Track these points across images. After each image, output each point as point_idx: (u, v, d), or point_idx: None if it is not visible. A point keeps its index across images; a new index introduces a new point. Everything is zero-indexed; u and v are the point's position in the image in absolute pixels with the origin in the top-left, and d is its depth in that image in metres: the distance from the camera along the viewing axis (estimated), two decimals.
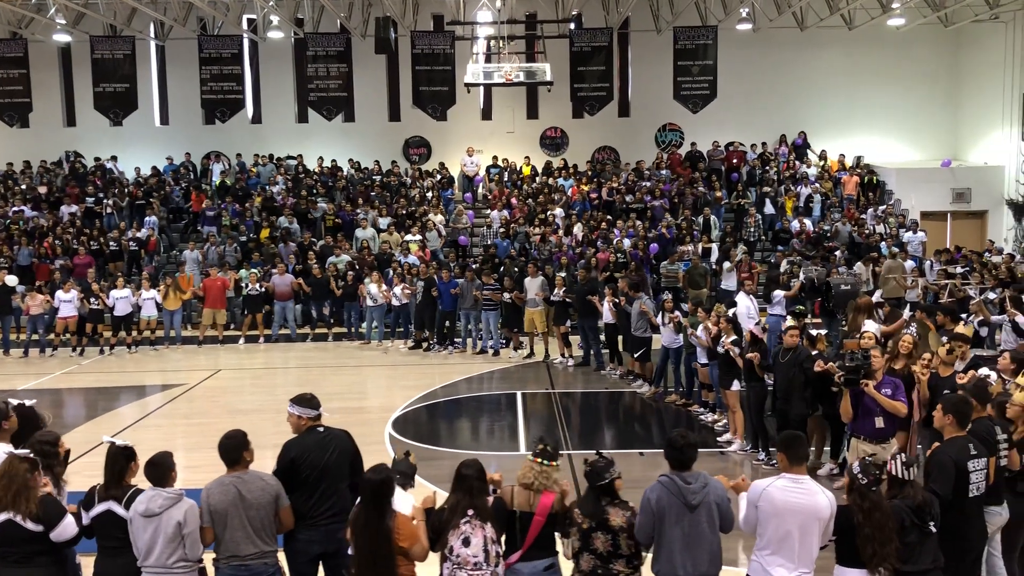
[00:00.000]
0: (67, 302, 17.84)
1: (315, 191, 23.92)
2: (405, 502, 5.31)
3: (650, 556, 5.25)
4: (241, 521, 5.27)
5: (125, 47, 23.30)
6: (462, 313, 17.55)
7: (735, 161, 25.07)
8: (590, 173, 25.22)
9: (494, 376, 15.66)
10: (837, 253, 19.95)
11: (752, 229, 22.23)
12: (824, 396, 9.43)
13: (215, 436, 5.67)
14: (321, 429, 5.89)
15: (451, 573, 5.01)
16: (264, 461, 5.54)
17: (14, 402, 6.37)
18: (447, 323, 17.79)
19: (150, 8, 22.52)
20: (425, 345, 17.93)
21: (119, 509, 5.28)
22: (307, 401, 5.92)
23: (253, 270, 19.53)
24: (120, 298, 18.04)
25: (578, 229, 21.58)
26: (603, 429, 12.82)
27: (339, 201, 23.74)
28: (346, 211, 23.00)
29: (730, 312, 11.55)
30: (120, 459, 5.40)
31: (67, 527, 5.19)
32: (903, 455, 5.38)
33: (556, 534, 5.39)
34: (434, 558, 5.24)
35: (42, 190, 24.47)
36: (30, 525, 5.09)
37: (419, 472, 7.28)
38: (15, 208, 23.22)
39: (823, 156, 25.63)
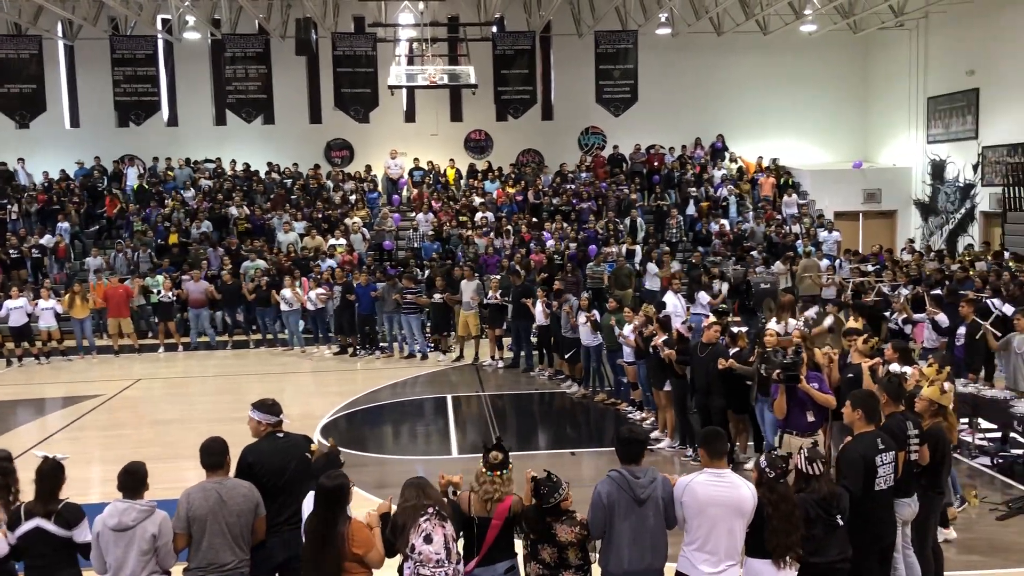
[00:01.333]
0: None
1: (232, 195, 23.40)
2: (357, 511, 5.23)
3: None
4: (220, 528, 5.13)
5: (31, 46, 22.41)
6: (385, 317, 17.39)
7: (656, 164, 25.47)
8: (515, 176, 25.29)
9: (423, 380, 15.55)
10: (754, 253, 20.45)
11: (674, 230, 22.62)
12: (732, 392, 9.69)
13: (136, 447, 5.52)
14: (281, 435, 5.79)
15: (413, 571, 4.92)
16: (184, 472, 5.38)
17: None
18: (368, 327, 17.60)
19: (57, 7, 21.67)
20: (351, 350, 17.70)
21: (49, 526, 5.05)
22: (268, 407, 5.80)
23: (160, 276, 18.97)
24: (14, 308, 17.23)
25: (508, 231, 21.62)
26: (535, 430, 12.85)
27: (259, 204, 23.28)
28: (258, 216, 22.52)
29: (661, 313, 11.69)
30: (55, 474, 5.18)
31: None
32: (805, 450, 5.50)
33: (515, 536, 5.38)
34: (391, 563, 5.16)
35: None
36: None
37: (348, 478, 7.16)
38: None
39: (734, 158, 26.24)
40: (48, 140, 25.10)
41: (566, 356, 14.08)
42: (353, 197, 23.94)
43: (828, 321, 12.75)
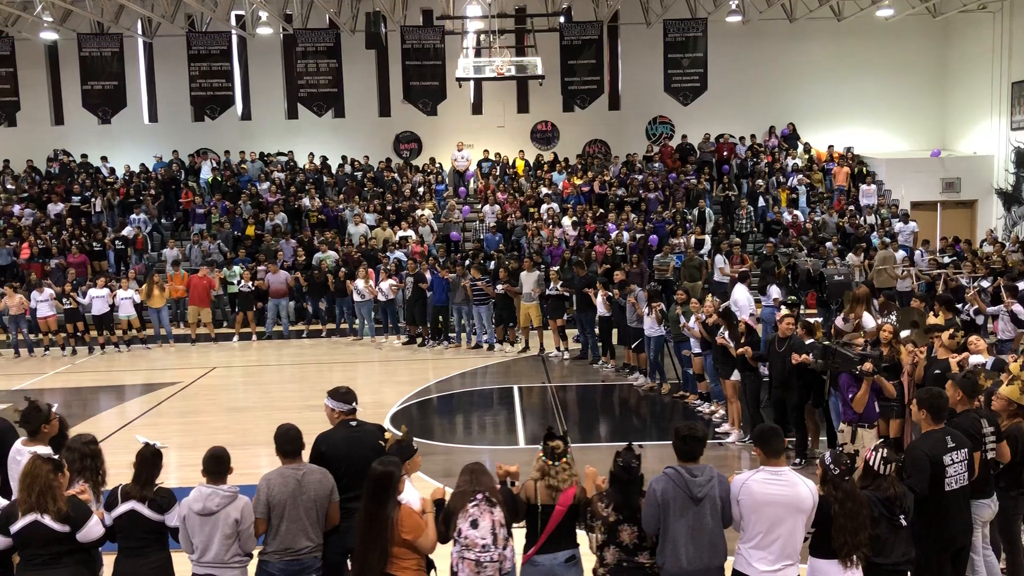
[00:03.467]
0: (43, 302, 17.70)
1: (305, 188, 23.86)
2: (413, 496, 5.31)
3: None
4: (297, 514, 5.26)
5: (113, 44, 23.13)
6: (454, 308, 17.53)
7: (725, 153, 25.11)
8: (580, 167, 25.23)
9: (490, 371, 15.65)
10: (828, 244, 20.01)
11: (744, 221, 22.28)
12: (807, 387, 9.52)
13: (211, 434, 5.70)
14: (354, 423, 5.90)
15: (459, 555, 4.99)
16: (258, 459, 5.52)
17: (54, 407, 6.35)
18: (440, 318, 17.77)
19: (137, 5, 22.36)
20: (419, 340, 17.90)
21: (144, 509, 5.25)
22: (342, 395, 5.93)
23: (237, 267, 19.46)
24: (97, 297, 17.88)
25: (566, 222, 21.59)
26: (600, 422, 12.84)
27: (329, 197, 23.68)
28: (330, 207, 22.92)
29: (723, 304, 11.55)
30: (154, 461, 5.38)
31: (93, 528, 5.14)
32: (884, 450, 5.36)
33: (577, 528, 5.38)
34: (445, 549, 5.23)
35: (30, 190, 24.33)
36: (56, 525, 5.04)
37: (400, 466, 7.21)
38: (14, 208, 23.10)
39: (808, 148, 25.68)
40: (128, 135, 25.92)
41: (632, 347, 14.01)
42: (421, 189, 24.17)
43: (905, 334, 12.43)
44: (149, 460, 5.38)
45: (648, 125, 26.95)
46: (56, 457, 5.28)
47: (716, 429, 11.19)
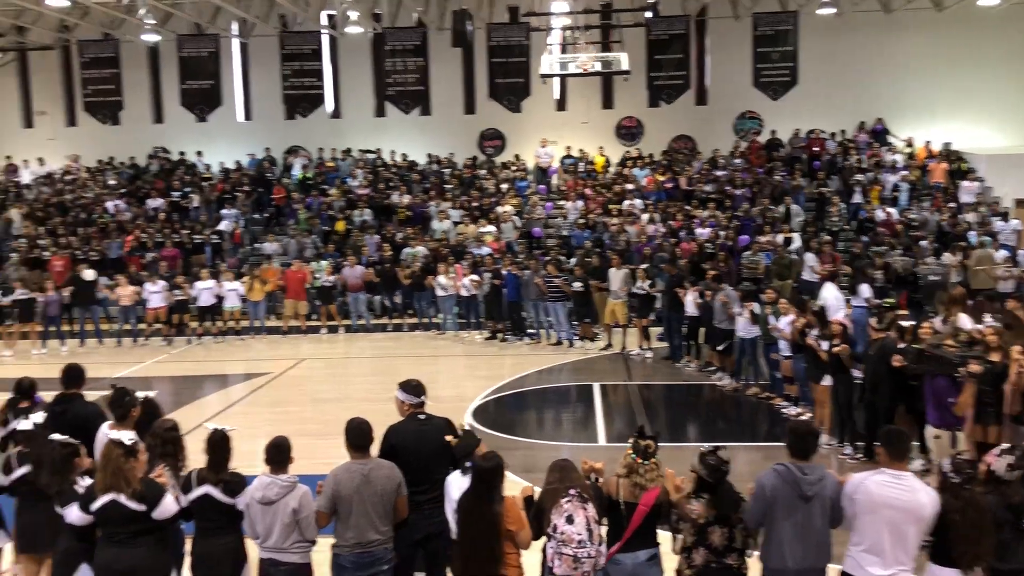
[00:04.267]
0: (155, 293, 18.47)
1: (392, 184, 24.26)
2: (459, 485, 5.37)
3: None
4: (364, 508, 5.37)
5: (210, 45, 23.91)
6: (529, 304, 17.57)
7: (816, 149, 24.47)
8: (666, 162, 24.95)
9: (569, 367, 15.64)
10: (924, 243, 19.30)
11: (835, 218, 21.66)
12: (901, 390, 9.21)
13: (299, 424, 5.85)
14: (422, 416, 5.98)
15: (555, 551, 5.00)
16: (341, 449, 5.65)
17: (141, 395, 6.67)
18: (518, 314, 17.84)
19: (233, 6, 23.08)
20: (500, 336, 18.01)
21: (217, 493, 5.46)
22: (412, 388, 6.03)
23: (325, 262, 19.93)
24: (204, 289, 18.57)
25: (646, 218, 21.38)
26: (683, 422, 12.72)
27: (416, 194, 24.02)
28: (418, 204, 23.26)
29: (816, 304, 11.28)
30: (224, 445, 5.58)
31: (167, 506, 5.38)
32: (1010, 456, 5.15)
33: (658, 527, 5.36)
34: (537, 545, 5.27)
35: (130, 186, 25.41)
36: (132, 504, 5.29)
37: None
38: (110, 203, 24.16)
39: (910, 143, 24.81)
40: (223, 133, 26.77)
41: (718, 348, 13.80)
42: (504, 186, 24.29)
43: None
44: (218, 444, 5.59)
45: (736, 120, 26.47)
46: (130, 442, 5.50)
47: None
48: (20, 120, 28.25)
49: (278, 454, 5.43)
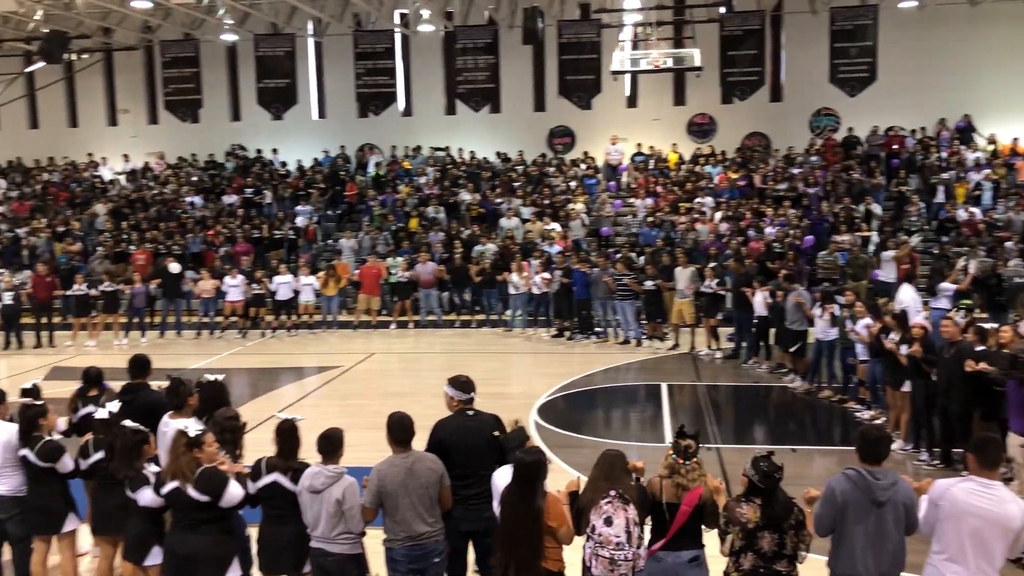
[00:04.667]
0: (234, 287, 18.98)
1: (461, 182, 24.42)
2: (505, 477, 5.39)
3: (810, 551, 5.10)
4: (411, 501, 5.43)
5: (286, 44, 24.36)
6: (597, 303, 17.50)
7: (895, 146, 23.80)
8: (739, 160, 24.57)
9: (637, 367, 15.54)
10: (1009, 244, 18.62)
11: (914, 218, 21.06)
12: (978, 396, 8.89)
13: (370, 417, 5.93)
14: (470, 412, 6.01)
15: (593, 552, 5.00)
16: (413, 443, 5.73)
17: (209, 378, 6.88)
18: (586, 312, 17.78)
19: (308, 5, 23.52)
20: (567, 334, 17.99)
21: (286, 482, 5.59)
22: (461, 384, 6.07)
23: (400, 258, 20.19)
24: (282, 283, 19.00)
25: (718, 216, 21.10)
26: (753, 424, 12.52)
27: (484, 191, 24.15)
28: (489, 201, 23.38)
29: (893, 306, 10.98)
30: (293, 434, 5.71)
31: (233, 494, 5.53)
32: None
33: (704, 528, 5.31)
34: (579, 542, 5.27)
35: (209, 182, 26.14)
36: (195, 494, 5.46)
37: (562, 458, 7.22)
38: (189, 199, 24.89)
39: (992, 140, 23.94)
40: (298, 131, 27.32)
41: (790, 349, 13.54)
42: (573, 184, 24.24)
43: None
44: (287, 434, 5.71)
45: (811, 117, 25.92)
46: (198, 433, 5.66)
47: None
48: (105, 118, 29.33)
49: (328, 445, 5.53)
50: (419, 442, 5.84)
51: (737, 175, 23.39)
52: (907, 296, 12.85)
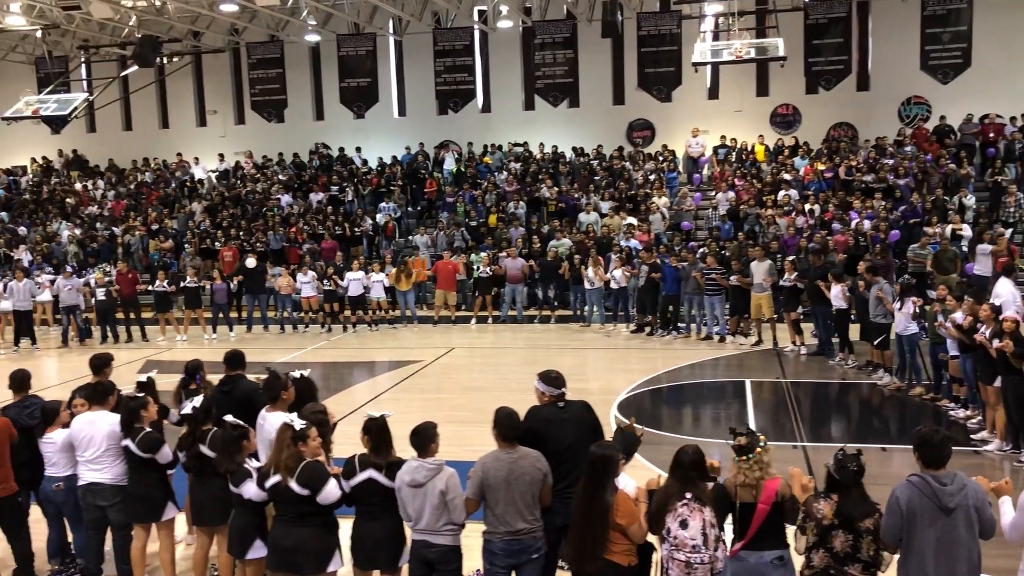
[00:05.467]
0: (306, 283, 19.38)
1: (539, 177, 24.42)
2: (628, 483, 5.35)
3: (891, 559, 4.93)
4: (512, 496, 5.43)
5: (367, 44, 24.75)
6: (685, 298, 17.27)
7: (991, 135, 22.83)
8: (825, 151, 23.93)
9: (720, 363, 15.28)
10: None
11: (1012, 209, 20.18)
12: None
13: (450, 411, 5.99)
14: (561, 404, 5.98)
15: (668, 555, 4.93)
16: (491, 438, 5.73)
17: (296, 374, 7.04)
18: (670, 308, 17.58)
19: (389, 5, 23.84)
20: (648, 329, 17.81)
21: (381, 478, 5.65)
22: (552, 379, 6.03)
23: (483, 253, 20.30)
24: (353, 280, 19.29)
25: (807, 209, 20.58)
26: (840, 422, 12.18)
27: (563, 186, 24.09)
28: (569, 196, 23.32)
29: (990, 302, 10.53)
30: (384, 430, 5.77)
31: (331, 492, 5.61)
32: None
33: (787, 527, 5.18)
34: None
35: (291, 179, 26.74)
36: (297, 488, 5.56)
37: (643, 455, 7.14)
38: (282, 197, 25.54)
39: None
40: (379, 128, 27.73)
41: (875, 343, 13.14)
42: (653, 177, 23.99)
43: None
44: (380, 430, 5.76)
45: (901, 106, 25.08)
46: (302, 427, 5.76)
47: (972, 436, 10.28)
48: (195, 119, 30.30)
49: (420, 440, 5.56)
50: (486, 434, 5.83)
51: (824, 166, 22.79)
52: (1005, 290, 12.27)
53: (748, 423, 11.42)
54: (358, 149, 27.77)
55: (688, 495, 4.93)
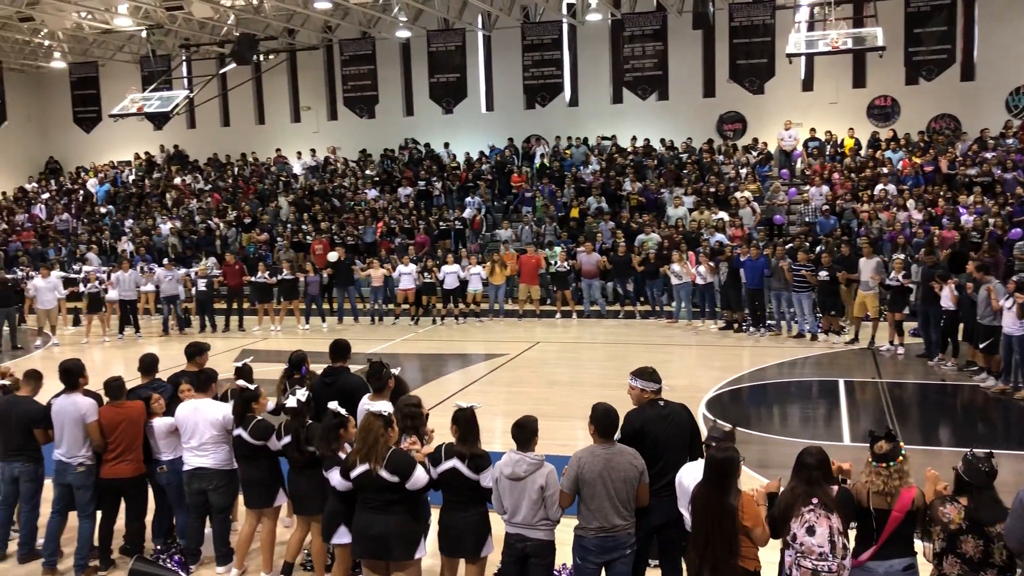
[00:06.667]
0: (406, 275, 19.70)
1: (625, 171, 24.24)
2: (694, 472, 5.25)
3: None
4: (608, 493, 5.43)
5: (456, 39, 24.94)
6: (772, 294, 16.89)
7: None
8: (924, 144, 23.07)
9: (812, 361, 14.91)
10: None
11: None
12: None
13: (535, 404, 5.99)
14: (662, 403, 5.96)
15: (794, 561, 4.82)
16: (575, 432, 5.73)
17: (394, 371, 7.19)
18: (758, 303, 17.21)
19: (479, 0, 23.97)
20: (736, 326, 17.50)
21: (464, 469, 5.71)
22: (648, 375, 6.00)
23: (558, 248, 20.29)
24: (450, 273, 19.54)
25: (911, 205, 19.88)
26: (940, 424, 11.77)
27: (650, 180, 23.85)
28: (650, 190, 23.07)
29: None
30: (471, 421, 5.82)
31: (418, 478, 5.70)
32: None
33: (915, 536, 5.02)
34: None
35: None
36: (385, 475, 5.66)
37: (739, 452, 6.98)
38: (371, 192, 26.02)
39: None
40: (467, 123, 27.93)
41: (981, 346, 12.61)
42: (744, 171, 23.54)
43: None
44: (467, 421, 5.80)
45: (1009, 96, 23.96)
46: (388, 413, 5.86)
47: None
48: (289, 115, 31.09)
49: (523, 434, 5.58)
50: (582, 432, 5.83)
51: (923, 160, 21.97)
52: None
53: (890, 426, 11.14)
54: (446, 145, 28.04)
55: (815, 500, 4.81)
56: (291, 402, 6.81)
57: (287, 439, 6.75)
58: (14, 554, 7.56)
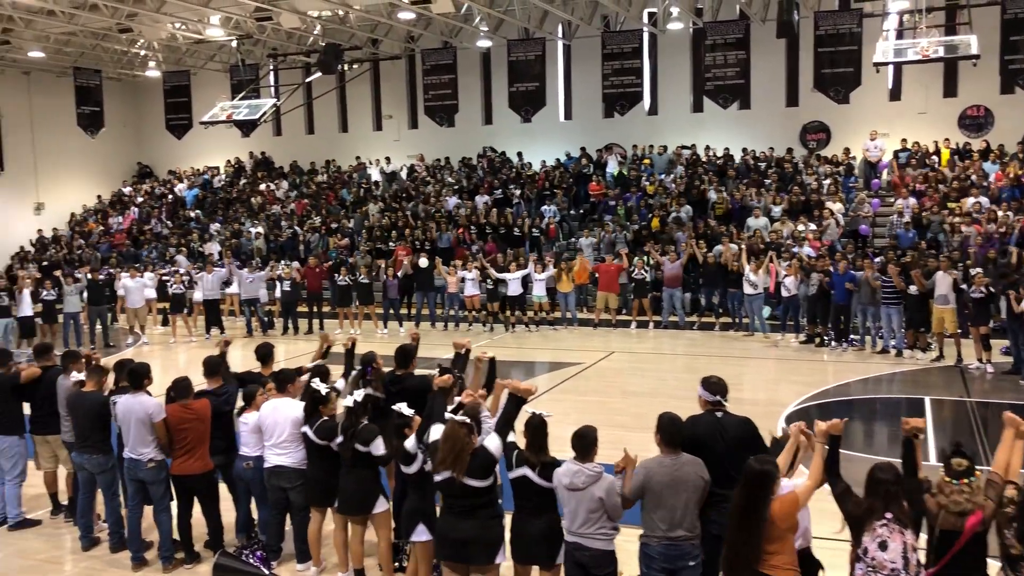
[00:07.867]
0: (470, 280, 19.84)
1: (707, 179, 23.97)
2: (790, 485, 5.22)
3: None
4: (673, 502, 5.44)
5: (536, 48, 25.03)
6: (859, 308, 16.46)
7: None
8: (1021, 156, 22.21)
9: (898, 378, 14.49)
10: None
11: None
12: None
13: (609, 414, 5.95)
14: (719, 414, 5.93)
15: (864, 575, 4.75)
16: (650, 443, 5.70)
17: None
18: (842, 317, 16.80)
19: (559, 9, 24.06)
20: (818, 340, 17.11)
21: (534, 476, 5.72)
22: (710, 384, 6.01)
23: (637, 257, 20.15)
24: (512, 280, 19.57)
25: (1001, 216, 19.16)
26: None
27: (731, 189, 23.55)
28: (736, 199, 22.76)
29: None
30: (542, 429, 5.84)
31: (494, 448, 5.81)
32: None
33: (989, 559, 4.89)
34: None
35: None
36: (471, 482, 5.72)
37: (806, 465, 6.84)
38: (450, 199, 26.32)
39: None
40: (545, 132, 28.01)
41: None
42: (828, 181, 23.04)
43: None
44: (537, 428, 5.81)
45: None
46: (470, 422, 5.91)
47: None
48: (371, 124, 31.68)
49: (582, 443, 5.60)
50: (648, 440, 5.79)
51: (1020, 172, 21.15)
52: None
53: (929, 443, 10.79)
54: (519, 154, 28.18)
55: (889, 515, 4.74)
56: (348, 401, 6.94)
57: (339, 439, 6.89)
58: (106, 542, 7.91)
